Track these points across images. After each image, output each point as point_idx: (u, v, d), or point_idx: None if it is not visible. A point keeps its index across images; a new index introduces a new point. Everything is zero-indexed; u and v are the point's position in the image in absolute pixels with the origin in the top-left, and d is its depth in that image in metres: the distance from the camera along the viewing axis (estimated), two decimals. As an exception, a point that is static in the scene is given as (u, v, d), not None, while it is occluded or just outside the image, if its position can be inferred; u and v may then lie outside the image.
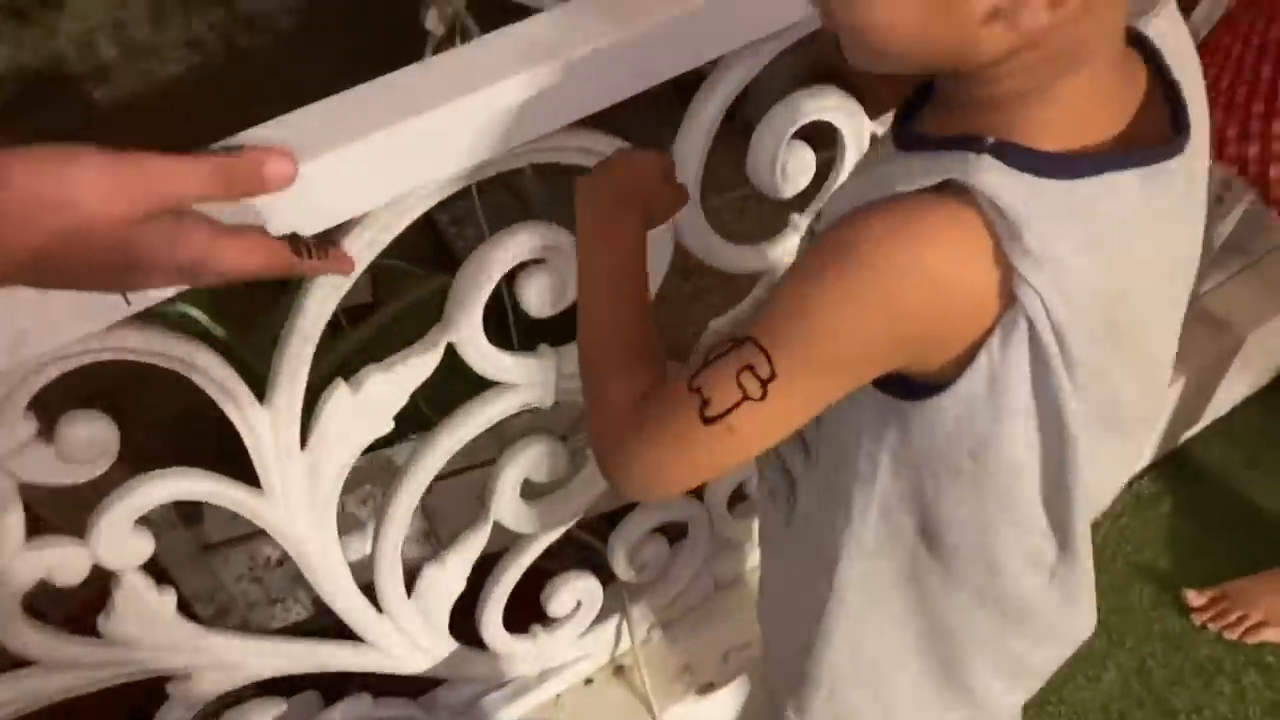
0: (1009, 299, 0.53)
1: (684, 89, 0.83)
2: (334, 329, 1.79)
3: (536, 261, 0.80)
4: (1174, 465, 1.59)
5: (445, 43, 1.73)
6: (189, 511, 1.25)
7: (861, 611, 0.74)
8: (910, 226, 0.53)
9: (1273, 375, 1.66)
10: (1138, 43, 0.58)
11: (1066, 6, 0.49)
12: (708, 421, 0.58)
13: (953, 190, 0.52)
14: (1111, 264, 0.54)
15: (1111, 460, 0.66)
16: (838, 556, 0.71)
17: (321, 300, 0.73)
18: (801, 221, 0.96)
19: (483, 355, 0.80)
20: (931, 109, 0.61)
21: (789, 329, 0.56)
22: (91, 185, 0.51)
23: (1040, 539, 0.66)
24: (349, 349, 1.56)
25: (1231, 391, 1.62)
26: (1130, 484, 1.57)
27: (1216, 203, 1.40)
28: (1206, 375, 1.53)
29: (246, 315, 1.40)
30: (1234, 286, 1.55)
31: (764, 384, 0.56)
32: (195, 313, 1.27)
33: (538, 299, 0.80)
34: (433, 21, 1.72)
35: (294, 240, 0.61)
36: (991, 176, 0.52)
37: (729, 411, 0.57)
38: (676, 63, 0.75)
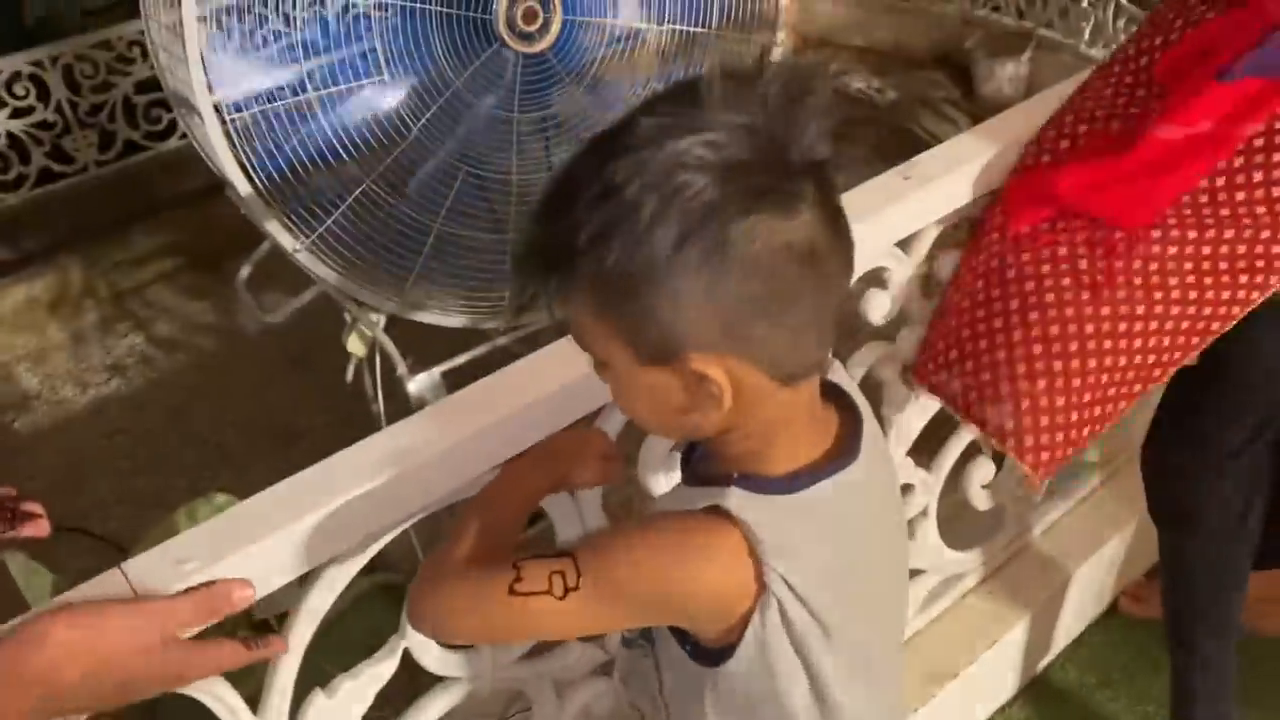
0: (762, 585, 0.72)
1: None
2: (265, 632, 1.86)
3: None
4: (1037, 691, 1.74)
5: (369, 362, 1.91)
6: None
7: None
8: (695, 537, 0.72)
9: (1109, 601, 1.84)
10: (832, 389, 0.80)
11: (721, 410, 0.71)
12: (512, 593, 0.74)
13: (718, 512, 0.73)
14: (834, 545, 0.75)
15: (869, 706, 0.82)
16: None
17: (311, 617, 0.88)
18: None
19: (436, 658, 0.96)
20: (702, 455, 0.83)
21: (598, 564, 0.74)
22: (119, 632, 0.71)
23: None
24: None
25: (1074, 620, 1.78)
26: (1002, 710, 1.72)
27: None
28: (1047, 608, 1.69)
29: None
30: (1058, 529, 1.74)
31: (567, 590, 0.73)
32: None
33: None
34: (354, 344, 1.89)
35: (244, 638, 0.80)
36: (739, 500, 0.72)
37: (530, 595, 0.73)
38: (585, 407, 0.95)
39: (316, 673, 0.94)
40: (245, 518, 0.81)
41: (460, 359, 1.80)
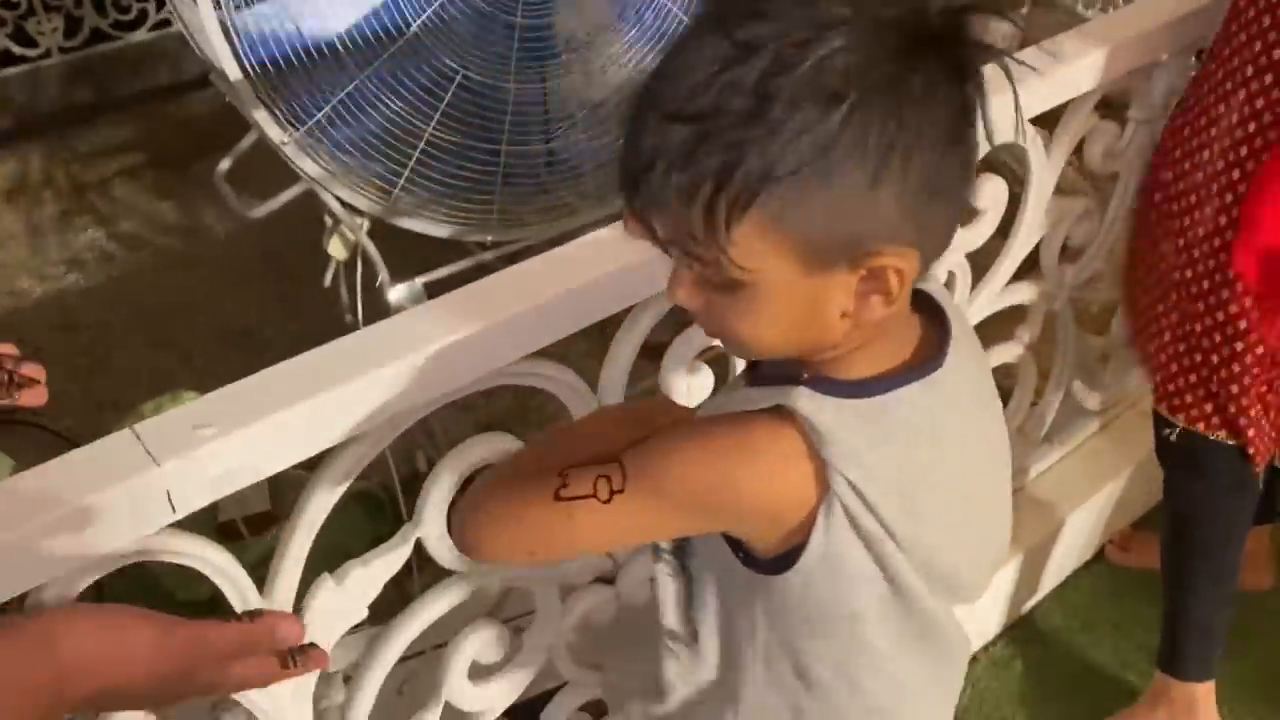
0: (824, 491, 0.68)
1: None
2: (233, 538, 1.84)
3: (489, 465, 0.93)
4: (1021, 631, 1.76)
5: (348, 269, 1.85)
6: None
7: None
8: (753, 437, 0.69)
9: (1096, 548, 1.87)
10: (916, 293, 0.75)
11: (889, 309, 0.66)
12: (557, 499, 0.71)
13: (780, 412, 0.69)
14: (906, 455, 0.71)
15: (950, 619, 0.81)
16: (739, 696, 0.82)
17: (328, 493, 0.84)
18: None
19: (447, 549, 0.92)
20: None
21: (647, 464, 0.70)
22: (141, 652, 0.65)
23: (894, 667, 0.79)
24: (250, 560, 1.62)
25: (1063, 564, 1.81)
26: (986, 648, 1.74)
27: (1036, 399, 1.62)
28: (1038, 551, 1.71)
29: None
30: (1055, 473, 1.75)
31: (612, 493, 0.69)
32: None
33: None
34: (335, 247, 1.83)
35: (282, 654, 0.74)
36: (804, 401, 0.68)
37: (575, 500, 0.70)
38: (610, 308, 0.92)
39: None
40: (269, 385, 0.77)
41: (444, 270, 1.76)
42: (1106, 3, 2.87)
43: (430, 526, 0.90)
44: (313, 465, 0.86)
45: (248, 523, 1.81)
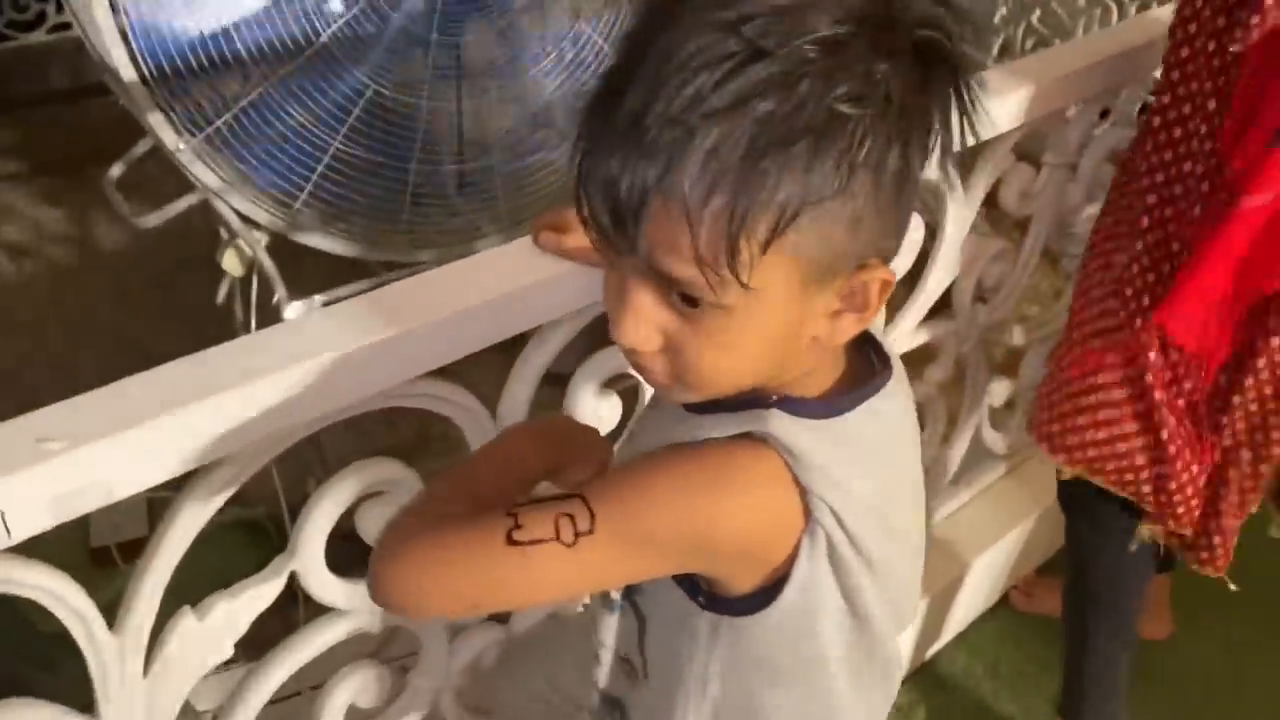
0: (807, 519, 0.64)
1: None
2: (106, 565, 1.73)
3: (377, 494, 0.87)
4: (924, 677, 1.74)
5: (243, 285, 1.77)
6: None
7: None
8: (733, 468, 0.63)
9: (1000, 593, 1.86)
10: None
11: (863, 324, 0.63)
12: (511, 543, 0.61)
13: (753, 438, 0.64)
14: (877, 475, 0.67)
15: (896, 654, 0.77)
16: None
17: (184, 531, 0.77)
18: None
19: (323, 584, 0.85)
20: None
21: (618, 502, 0.62)
22: None
23: (853, 712, 0.75)
24: (123, 588, 1.52)
25: (967, 609, 1.79)
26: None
27: (943, 442, 1.60)
28: (943, 596, 1.69)
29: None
30: (962, 517, 1.74)
31: (577, 535, 0.61)
32: None
33: (377, 529, 0.86)
34: (230, 262, 1.75)
35: None
36: (782, 425, 0.63)
37: (534, 544, 0.61)
38: (514, 326, 0.87)
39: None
40: (123, 396, 0.70)
41: (344, 290, 1.69)
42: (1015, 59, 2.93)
43: (306, 558, 0.83)
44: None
45: (122, 549, 1.71)
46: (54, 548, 0.71)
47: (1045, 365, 1.39)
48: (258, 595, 0.82)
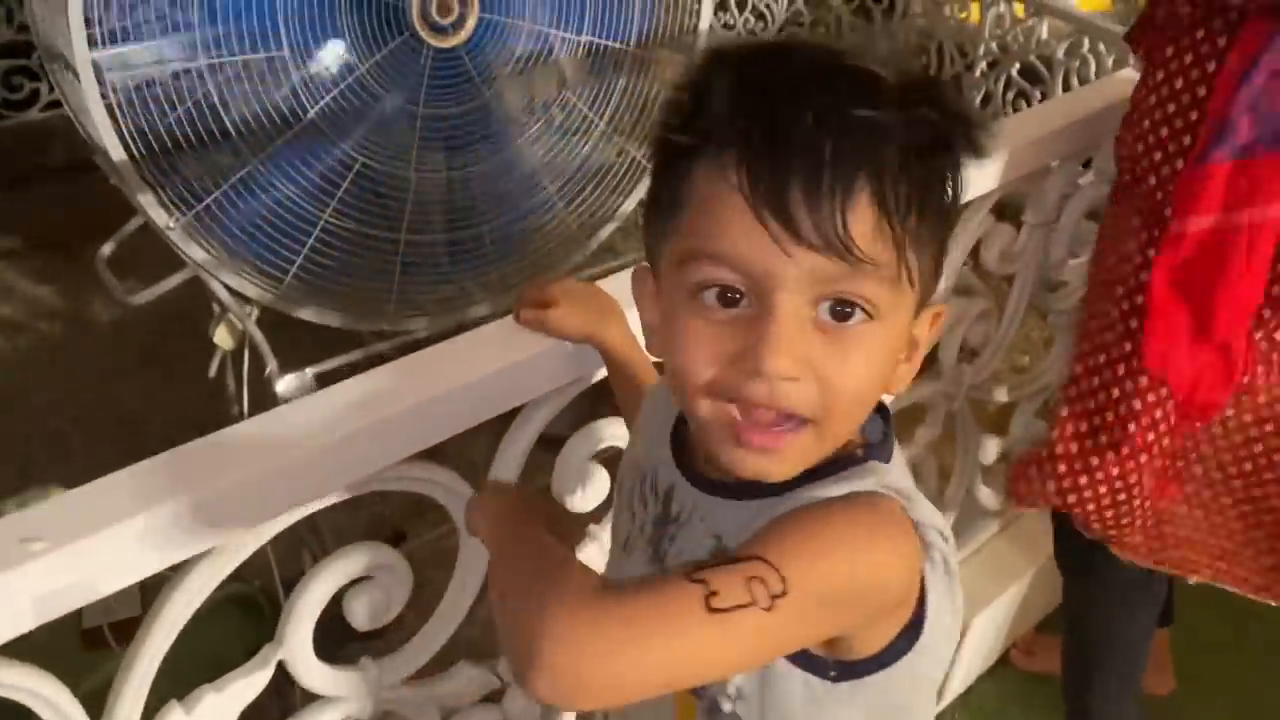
0: (925, 550, 0.64)
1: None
2: (97, 647, 1.71)
3: (366, 578, 0.87)
4: (924, 741, 1.71)
5: (235, 359, 1.78)
6: None
7: None
8: (883, 523, 0.63)
9: (1000, 652, 1.84)
10: None
11: (914, 370, 0.68)
12: (711, 611, 0.55)
13: (871, 491, 0.65)
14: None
15: None
16: None
17: (172, 622, 0.77)
18: (598, 531, 1.07)
19: (311, 671, 0.85)
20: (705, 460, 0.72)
21: (795, 556, 0.58)
22: None
23: None
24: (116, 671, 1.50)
25: (968, 670, 1.78)
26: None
27: (937, 499, 1.60)
28: None
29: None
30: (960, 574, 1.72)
31: (773, 598, 0.56)
32: None
33: (365, 614, 0.86)
34: (222, 336, 1.76)
35: None
36: (886, 472, 0.67)
37: (735, 609, 0.55)
38: (498, 406, 0.87)
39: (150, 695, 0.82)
40: (108, 493, 0.70)
41: (335, 361, 1.69)
42: (997, 111, 2.96)
43: (294, 647, 0.83)
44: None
45: (115, 629, 1.70)
46: (45, 631, 0.70)
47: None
48: (246, 686, 0.82)
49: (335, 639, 0.91)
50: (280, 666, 0.84)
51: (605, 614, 0.55)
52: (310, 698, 0.89)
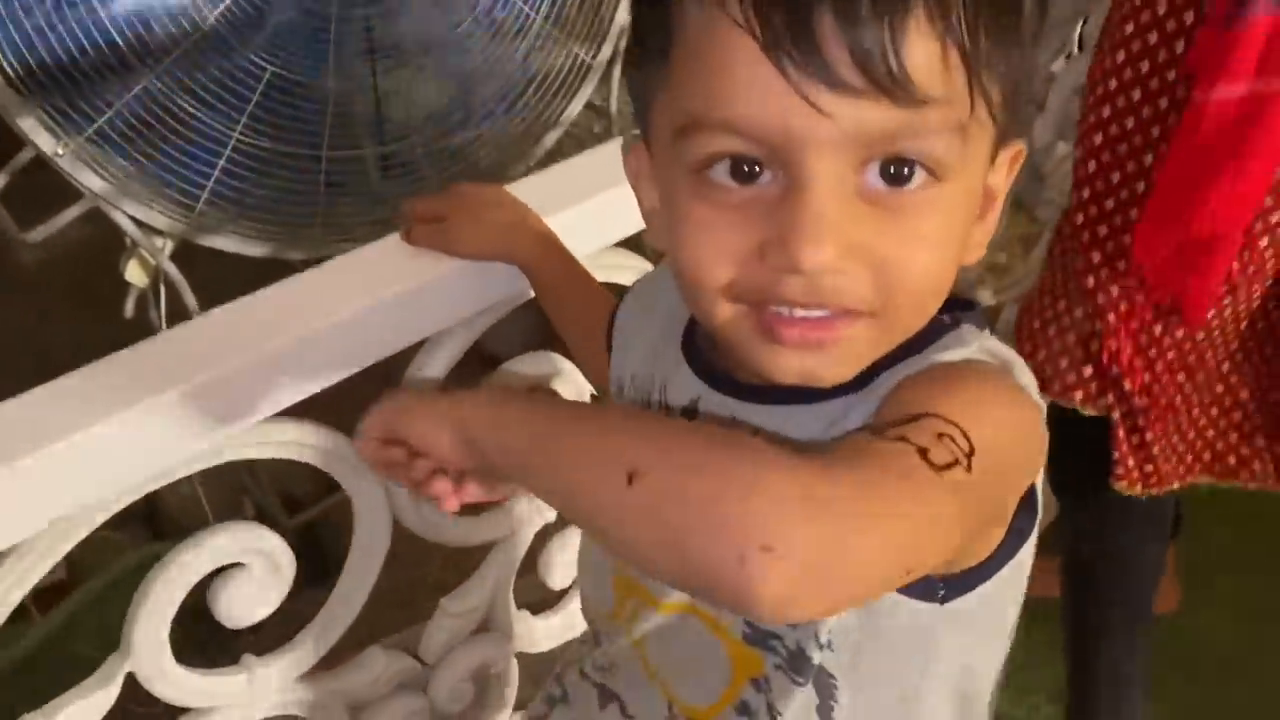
0: None
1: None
2: (17, 618, 1.60)
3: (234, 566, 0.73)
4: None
5: (151, 294, 1.64)
6: None
7: None
8: (1005, 379, 0.52)
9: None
10: None
11: (989, 232, 0.54)
12: (938, 470, 0.43)
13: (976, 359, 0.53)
14: None
15: None
16: None
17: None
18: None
19: (174, 684, 0.71)
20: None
21: (967, 411, 0.46)
22: None
23: None
24: (37, 641, 1.39)
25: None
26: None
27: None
28: None
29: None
30: None
31: (968, 456, 0.44)
32: None
33: (236, 609, 0.72)
34: (134, 273, 1.63)
35: None
36: (985, 338, 0.54)
37: (947, 468, 0.44)
38: (382, 348, 0.73)
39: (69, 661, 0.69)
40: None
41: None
42: None
43: (145, 657, 0.69)
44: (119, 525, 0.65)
45: (37, 598, 1.57)
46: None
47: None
48: (86, 710, 0.68)
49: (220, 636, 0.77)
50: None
51: (835, 480, 0.41)
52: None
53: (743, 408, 0.56)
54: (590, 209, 0.80)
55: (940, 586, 0.53)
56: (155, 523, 1.74)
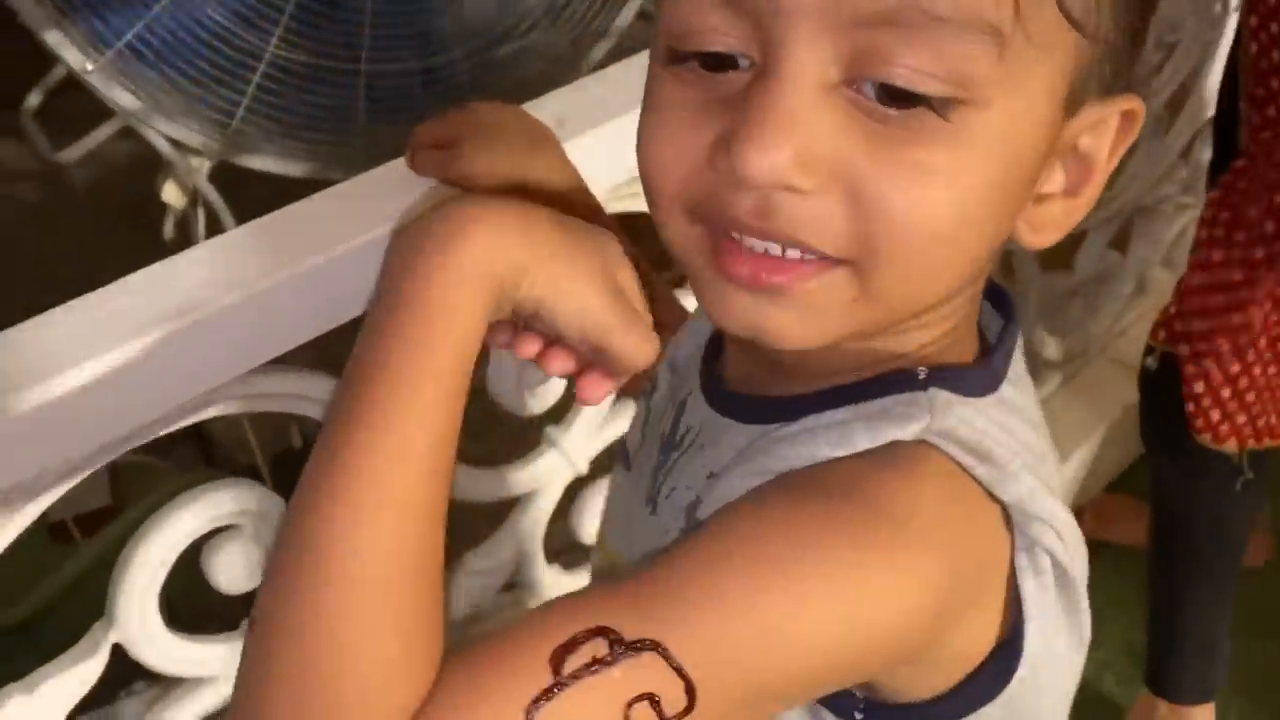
0: (1013, 536, 0.42)
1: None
2: (64, 541, 1.60)
3: (229, 527, 0.67)
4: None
5: (190, 214, 1.61)
6: None
7: None
8: (916, 471, 0.40)
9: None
10: None
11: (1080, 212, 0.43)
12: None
13: (906, 446, 0.41)
14: (1042, 464, 0.45)
15: None
16: None
17: None
18: (557, 435, 0.86)
19: (164, 653, 0.66)
20: (780, 363, 0.45)
21: (715, 639, 0.36)
22: None
23: None
24: (84, 566, 1.38)
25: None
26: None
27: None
28: None
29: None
30: None
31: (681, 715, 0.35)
32: None
33: (230, 575, 0.67)
34: (171, 194, 1.59)
35: None
36: (950, 411, 0.41)
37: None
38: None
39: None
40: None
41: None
42: None
43: (130, 624, 0.64)
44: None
45: (80, 522, 1.57)
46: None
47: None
48: (70, 683, 0.63)
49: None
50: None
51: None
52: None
53: (711, 417, 0.49)
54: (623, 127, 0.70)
55: (859, 707, 0.43)
56: (203, 446, 1.72)
